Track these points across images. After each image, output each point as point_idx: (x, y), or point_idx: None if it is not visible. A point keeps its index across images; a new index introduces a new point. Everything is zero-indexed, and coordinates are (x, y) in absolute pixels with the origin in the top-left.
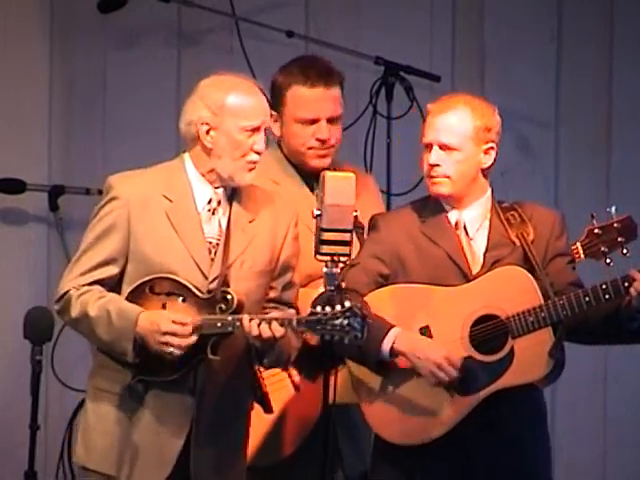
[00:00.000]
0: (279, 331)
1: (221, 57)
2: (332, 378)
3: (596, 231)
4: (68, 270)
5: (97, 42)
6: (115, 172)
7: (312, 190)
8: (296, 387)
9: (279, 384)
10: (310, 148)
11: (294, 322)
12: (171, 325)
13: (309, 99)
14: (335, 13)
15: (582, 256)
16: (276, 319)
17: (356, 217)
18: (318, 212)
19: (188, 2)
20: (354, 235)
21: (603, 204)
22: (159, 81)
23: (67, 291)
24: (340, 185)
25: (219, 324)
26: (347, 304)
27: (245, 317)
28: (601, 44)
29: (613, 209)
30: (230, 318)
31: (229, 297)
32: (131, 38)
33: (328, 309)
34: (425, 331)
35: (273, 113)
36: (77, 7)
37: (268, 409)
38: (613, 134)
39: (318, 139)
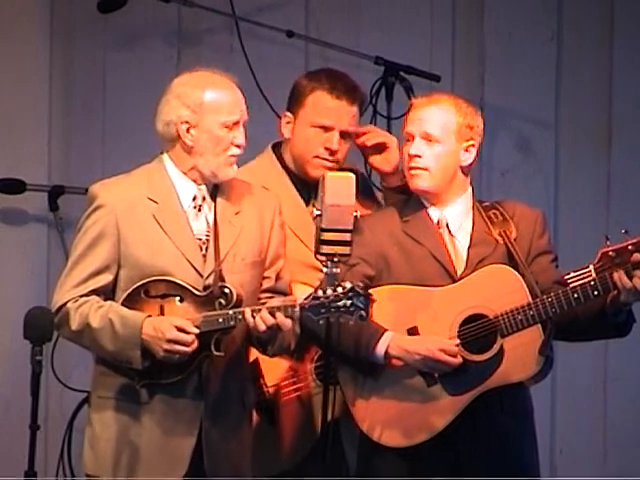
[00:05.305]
0: (284, 322)
1: (221, 57)
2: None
3: (610, 254)
4: (60, 283)
5: (97, 42)
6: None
7: (304, 198)
8: (302, 402)
9: (287, 395)
10: (316, 157)
11: (297, 309)
12: (175, 332)
13: (330, 107)
14: (335, 13)
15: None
16: (278, 308)
17: (356, 217)
18: (318, 212)
19: (188, 2)
20: None
21: (603, 204)
22: (159, 81)
23: (63, 304)
24: (340, 185)
25: (221, 319)
26: (348, 285)
27: (247, 310)
28: (601, 44)
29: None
30: (231, 312)
31: (227, 291)
32: (131, 38)
33: (330, 292)
34: (413, 332)
35: (287, 114)
36: (77, 7)
37: (271, 420)
38: (613, 134)
39: (327, 148)
